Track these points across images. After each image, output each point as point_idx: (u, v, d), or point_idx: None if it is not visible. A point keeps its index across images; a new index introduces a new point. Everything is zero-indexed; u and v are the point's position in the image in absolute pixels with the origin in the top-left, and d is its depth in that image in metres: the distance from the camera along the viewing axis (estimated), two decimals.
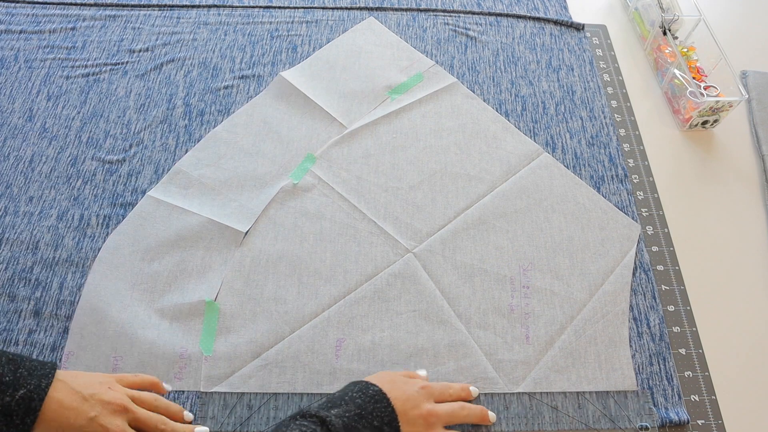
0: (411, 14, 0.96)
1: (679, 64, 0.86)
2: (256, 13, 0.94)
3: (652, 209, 0.78)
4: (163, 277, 0.68)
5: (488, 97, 0.86)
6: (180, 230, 0.71)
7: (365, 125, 0.81)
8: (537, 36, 0.95)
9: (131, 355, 0.63)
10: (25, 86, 0.84)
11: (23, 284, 0.67)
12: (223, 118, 0.82)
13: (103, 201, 0.73)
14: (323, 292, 0.68)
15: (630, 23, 1.00)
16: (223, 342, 0.64)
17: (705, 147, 0.85)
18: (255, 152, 0.78)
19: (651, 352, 0.66)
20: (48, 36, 0.89)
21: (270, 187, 0.75)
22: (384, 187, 0.76)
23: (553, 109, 0.86)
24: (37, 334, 0.64)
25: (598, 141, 0.83)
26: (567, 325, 0.67)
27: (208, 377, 0.62)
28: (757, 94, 0.90)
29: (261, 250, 0.70)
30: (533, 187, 0.77)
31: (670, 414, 0.62)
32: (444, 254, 0.71)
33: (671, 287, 0.71)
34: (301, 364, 0.63)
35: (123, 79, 0.85)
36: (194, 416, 0.60)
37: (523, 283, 0.69)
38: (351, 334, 0.65)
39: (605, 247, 0.73)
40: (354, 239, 0.71)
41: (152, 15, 0.93)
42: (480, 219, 0.74)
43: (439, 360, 0.64)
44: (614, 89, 0.90)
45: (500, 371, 0.64)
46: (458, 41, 0.93)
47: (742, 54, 0.94)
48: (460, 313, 0.67)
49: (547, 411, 0.62)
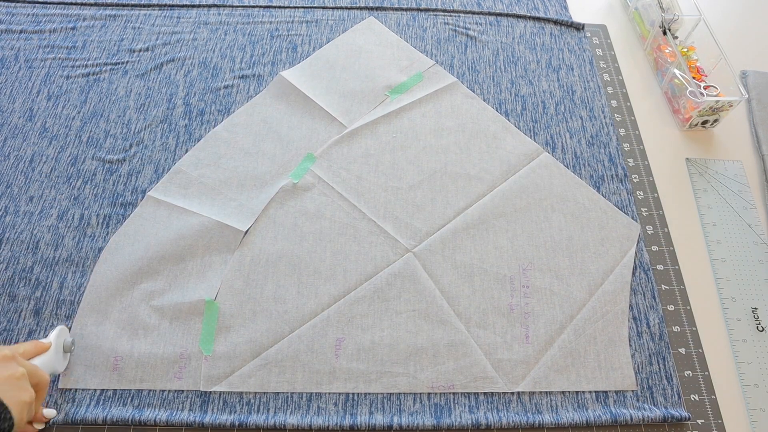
0: (411, 14, 0.96)
1: (679, 64, 0.86)
2: (256, 12, 0.94)
3: (652, 209, 0.78)
4: (163, 276, 0.68)
5: (488, 97, 0.86)
6: (180, 230, 0.71)
7: (365, 125, 0.81)
8: (537, 36, 0.95)
9: (131, 355, 0.63)
10: (25, 86, 0.84)
11: (23, 284, 0.67)
12: (223, 117, 0.82)
13: (104, 200, 0.73)
14: (323, 292, 0.68)
15: (630, 23, 1.00)
16: (222, 341, 0.64)
17: (705, 146, 0.85)
18: (255, 152, 0.78)
19: (651, 351, 0.66)
20: (48, 36, 0.89)
21: (270, 187, 0.75)
22: (384, 187, 0.76)
23: (553, 109, 0.86)
24: (37, 333, 0.64)
25: (598, 140, 0.83)
26: (567, 325, 0.67)
27: (207, 377, 0.62)
28: (757, 94, 0.90)
29: (261, 249, 0.70)
30: (533, 186, 0.77)
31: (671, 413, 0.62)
32: (444, 254, 0.71)
33: (671, 287, 0.71)
34: (300, 363, 0.63)
35: (123, 78, 0.85)
36: (193, 410, 0.60)
37: (523, 283, 0.69)
38: (351, 334, 0.65)
39: (605, 246, 0.73)
40: (354, 239, 0.71)
41: (152, 15, 0.93)
42: (480, 218, 0.74)
43: (438, 359, 0.64)
44: (614, 89, 0.90)
45: (500, 371, 0.64)
46: (458, 41, 0.93)
47: (742, 54, 0.94)
48: (460, 313, 0.67)
49: (547, 410, 0.62)
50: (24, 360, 0.54)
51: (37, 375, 0.54)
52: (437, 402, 0.62)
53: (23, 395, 0.50)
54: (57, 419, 0.59)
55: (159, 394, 0.61)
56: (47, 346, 0.59)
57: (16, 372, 0.50)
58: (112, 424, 0.59)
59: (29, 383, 0.52)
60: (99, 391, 0.61)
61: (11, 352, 0.52)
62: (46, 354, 0.58)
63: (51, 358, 0.58)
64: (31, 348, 0.57)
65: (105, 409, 0.60)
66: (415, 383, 0.63)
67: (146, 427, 0.59)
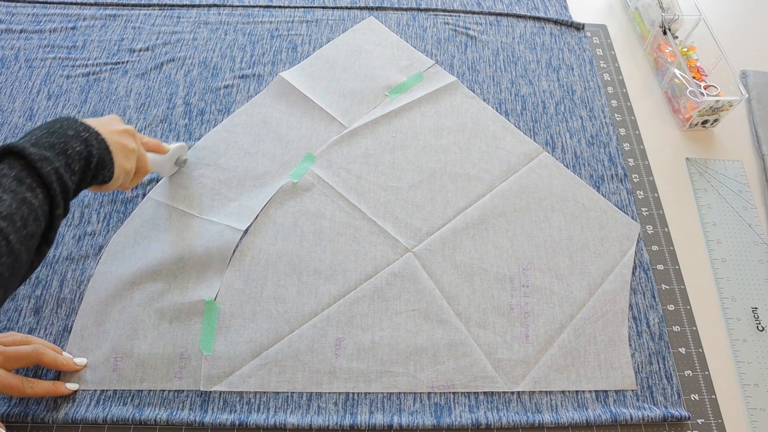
0: (411, 14, 0.96)
1: (679, 64, 0.86)
2: (256, 12, 0.94)
3: (652, 208, 0.78)
4: (163, 276, 0.68)
5: (488, 97, 0.86)
6: (180, 230, 0.71)
7: (365, 125, 0.81)
8: (537, 35, 0.95)
9: (131, 355, 0.63)
10: (25, 85, 0.84)
11: (23, 283, 0.67)
12: (223, 117, 0.82)
13: (103, 198, 0.73)
14: (323, 292, 0.68)
15: (630, 23, 1.00)
16: (222, 341, 0.64)
17: (705, 146, 0.85)
18: (255, 152, 0.78)
19: (651, 351, 0.66)
20: (48, 35, 0.89)
21: (270, 187, 0.75)
22: (384, 187, 0.76)
23: (553, 109, 0.86)
24: (37, 332, 0.64)
25: (598, 140, 0.83)
26: (566, 325, 0.67)
27: (207, 376, 0.62)
28: (757, 94, 0.90)
29: (261, 249, 0.70)
30: (533, 186, 0.77)
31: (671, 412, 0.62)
32: (443, 253, 0.71)
33: (671, 286, 0.71)
34: (300, 363, 0.63)
35: (123, 78, 0.85)
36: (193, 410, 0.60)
37: (523, 282, 0.69)
38: (350, 333, 0.65)
39: (605, 246, 0.73)
40: (354, 238, 0.71)
41: (152, 14, 0.93)
42: (480, 218, 0.74)
43: (438, 359, 0.64)
44: (614, 89, 0.90)
45: (500, 370, 0.64)
46: (458, 41, 0.93)
47: (742, 54, 0.94)
48: (460, 312, 0.67)
49: (547, 410, 0.62)
50: (141, 145, 0.62)
51: (143, 160, 0.62)
52: (437, 402, 0.62)
53: (126, 163, 0.58)
54: (57, 419, 0.59)
55: (159, 394, 0.61)
56: (166, 150, 0.69)
57: (130, 143, 0.59)
58: (112, 424, 0.59)
59: (135, 160, 0.60)
60: (99, 391, 0.61)
61: (135, 132, 0.61)
62: (161, 156, 0.68)
63: (162, 160, 0.69)
64: (153, 143, 0.67)
65: (105, 408, 0.60)
66: (415, 383, 0.63)
67: (146, 426, 0.59)
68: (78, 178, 0.52)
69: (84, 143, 0.53)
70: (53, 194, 0.48)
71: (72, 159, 0.51)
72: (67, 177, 0.50)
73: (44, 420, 0.58)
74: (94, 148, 0.53)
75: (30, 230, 0.46)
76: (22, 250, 0.45)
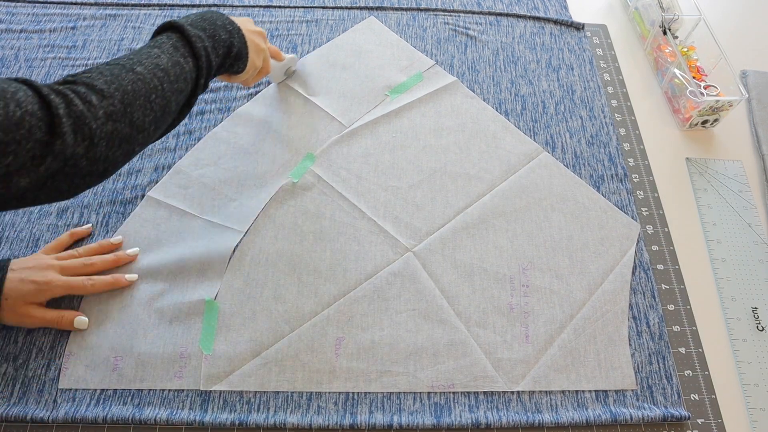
0: (411, 14, 0.96)
1: (679, 64, 0.86)
2: (256, 12, 0.94)
3: (652, 208, 0.78)
4: (163, 276, 0.68)
5: (488, 97, 0.86)
6: (180, 230, 0.71)
7: (365, 124, 0.81)
8: (537, 35, 0.95)
9: (131, 354, 0.63)
10: None
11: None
12: (223, 117, 0.82)
13: (103, 199, 0.73)
14: (323, 291, 0.68)
15: (630, 23, 1.00)
16: (222, 341, 0.64)
17: (705, 146, 0.85)
18: (255, 151, 0.78)
19: (650, 351, 0.66)
20: (48, 35, 0.89)
21: (270, 186, 0.75)
22: (384, 186, 0.76)
23: (553, 109, 0.86)
24: (36, 332, 0.64)
25: (598, 140, 0.83)
26: (566, 324, 0.67)
27: (208, 376, 0.62)
28: (757, 94, 0.90)
29: (261, 249, 0.70)
30: (533, 186, 0.77)
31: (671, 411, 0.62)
32: (443, 253, 0.71)
33: (671, 286, 0.71)
34: (300, 362, 0.63)
35: None
36: (193, 409, 0.60)
37: (523, 282, 0.69)
38: (351, 333, 0.65)
39: (605, 246, 0.73)
40: (354, 238, 0.71)
41: (152, 14, 0.93)
42: (479, 218, 0.74)
43: (438, 359, 0.64)
44: (614, 89, 0.90)
45: (500, 370, 0.64)
46: (458, 41, 0.93)
47: (742, 54, 0.94)
48: (460, 312, 0.67)
49: (547, 410, 0.62)
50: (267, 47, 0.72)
51: (267, 61, 0.73)
52: (437, 401, 0.62)
53: (257, 60, 0.69)
54: (57, 418, 0.58)
55: (159, 393, 0.61)
56: (283, 58, 0.80)
57: (262, 43, 0.70)
58: (112, 423, 0.59)
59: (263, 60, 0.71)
60: (99, 390, 0.61)
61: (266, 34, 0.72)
62: (277, 62, 0.79)
63: (277, 66, 0.80)
64: (274, 50, 0.77)
65: (105, 408, 0.60)
66: (415, 382, 0.63)
67: (146, 426, 0.59)
68: (219, 61, 0.62)
69: (229, 34, 0.63)
70: (200, 65, 0.58)
71: (218, 44, 0.61)
72: (213, 56, 0.60)
73: (44, 419, 0.58)
74: (235, 40, 0.63)
75: (179, 86, 0.56)
76: (172, 99, 0.55)
